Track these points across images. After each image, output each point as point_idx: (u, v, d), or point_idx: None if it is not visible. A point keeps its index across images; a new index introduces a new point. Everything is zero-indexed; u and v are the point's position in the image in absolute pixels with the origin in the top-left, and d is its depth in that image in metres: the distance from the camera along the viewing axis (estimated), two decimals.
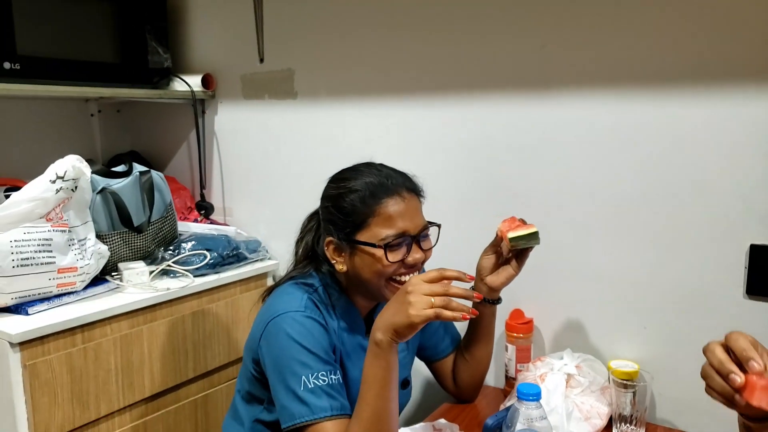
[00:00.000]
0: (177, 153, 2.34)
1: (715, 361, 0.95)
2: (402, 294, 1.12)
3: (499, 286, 1.42)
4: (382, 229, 1.24)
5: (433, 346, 1.52)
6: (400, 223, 1.25)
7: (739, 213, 1.37)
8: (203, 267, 1.83)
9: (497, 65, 1.63)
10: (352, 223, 1.26)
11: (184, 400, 1.78)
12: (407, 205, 1.27)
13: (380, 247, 1.24)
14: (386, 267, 1.25)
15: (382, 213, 1.25)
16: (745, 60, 1.33)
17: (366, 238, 1.25)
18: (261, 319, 1.29)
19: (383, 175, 1.29)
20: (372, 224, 1.25)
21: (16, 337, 1.37)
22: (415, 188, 1.32)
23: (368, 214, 1.25)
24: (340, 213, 1.28)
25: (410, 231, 1.26)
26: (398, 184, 1.28)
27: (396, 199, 1.26)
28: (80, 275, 1.57)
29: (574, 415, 1.33)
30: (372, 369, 1.13)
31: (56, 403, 1.45)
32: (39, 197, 1.47)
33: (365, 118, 1.88)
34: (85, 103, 2.28)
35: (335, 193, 1.30)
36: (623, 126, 1.48)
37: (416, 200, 1.31)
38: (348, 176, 1.31)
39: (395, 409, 1.16)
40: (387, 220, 1.25)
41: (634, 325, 1.53)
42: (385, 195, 1.26)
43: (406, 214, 1.26)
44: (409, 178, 1.33)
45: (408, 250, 1.26)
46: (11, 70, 1.68)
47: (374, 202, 1.25)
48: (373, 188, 1.26)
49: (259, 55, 2.07)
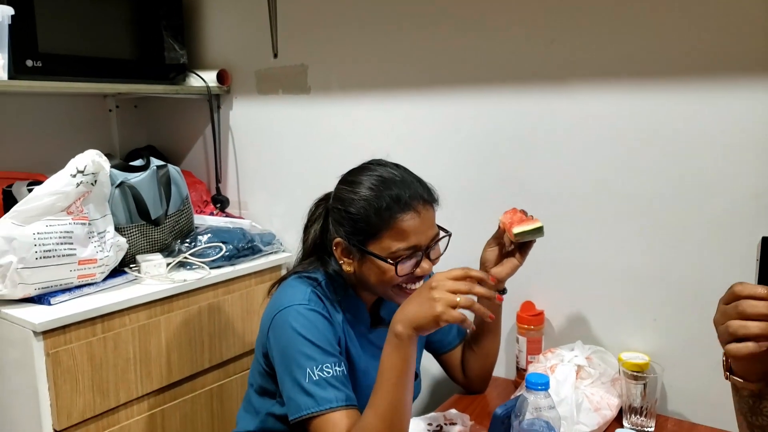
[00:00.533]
0: (193, 147, 2.37)
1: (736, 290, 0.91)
2: (426, 290, 1.12)
3: (504, 278, 1.42)
4: (394, 242, 1.22)
5: (440, 339, 1.53)
6: (413, 239, 1.23)
7: (751, 206, 1.37)
8: (219, 259, 1.86)
9: (507, 60, 1.64)
10: (363, 232, 1.24)
11: (200, 389, 1.81)
12: (422, 220, 1.23)
13: (391, 262, 1.23)
14: (394, 279, 1.24)
15: (396, 227, 1.22)
16: (755, 55, 1.33)
17: (376, 249, 1.24)
18: (268, 314, 1.31)
19: (400, 185, 1.25)
20: (384, 237, 1.23)
21: (40, 326, 1.41)
22: (431, 199, 1.29)
23: (381, 226, 1.22)
24: (351, 219, 1.25)
25: (422, 245, 1.24)
26: (415, 197, 1.24)
27: (411, 215, 1.22)
28: (100, 267, 1.60)
29: (584, 406, 1.34)
30: (390, 360, 1.13)
31: (78, 390, 1.49)
32: (60, 191, 1.51)
33: (377, 112, 1.90)
34: (104, 99, 2.31)
35: (347, 198, 1.26)
36: (634, 121, 1.49)
37: (431, 212, 1.27)
38: (361, 180, 1.27)
39: (410, 401, 1.18)
40: (400, 234, 1.22)
41: (644, 318, 1.53)
42: (401, 210, 1.22)
43: (420, 229, 1.23)
44: (427, 188, 1.30)
45: (418, 262, 1.25)
46: (33, 67, 1.72)
47: (389, 215, 1.22)
48: (388, 201, 1.22)
49: (273, 51, 2.09)
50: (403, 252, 1.23)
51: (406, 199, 1.23)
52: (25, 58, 1.71)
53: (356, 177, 1.29)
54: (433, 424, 1.42)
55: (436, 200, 1.31)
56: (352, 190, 1.26)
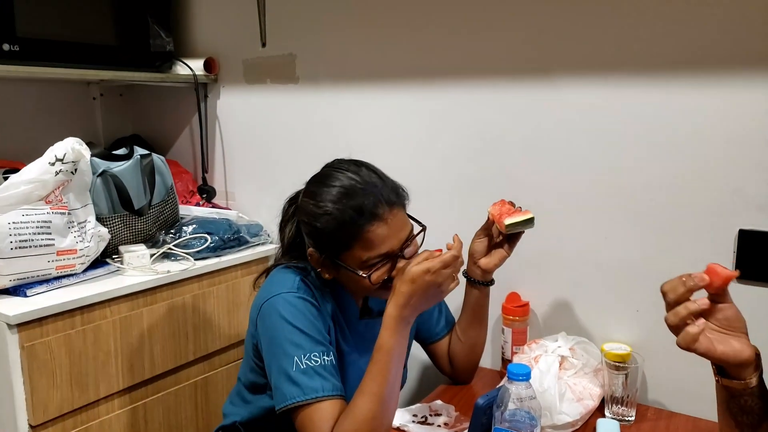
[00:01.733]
0: (179, 137, 2.35)
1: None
2: (434, 287, 1.16)
3: (492, 268, 1.42)
4: (365, 252, 1.20)
5: (428, 329, 1.52)
6: (384, 247, 1.20)
7: (729, 199, 1.38)
8: (204, 250, 1.84)
9: (496, 53, 1.63)
10: (332, 245, 1.22)
11: (184, 382, 1.80)
12: (390, 226, 1.20)
13: (362, 274, 1.21)
14: (370, 286, 1.23)
15: (364, 238, 1.19)
16: (737, 49, 1.33)
17: (348, 259, 1.22)
18: (256, 303, 1.29)
19: (361, 193, 1.20)
20: (354, 248, 1.20)
21: (14, 318, 1.38)
22: (399, 200, 1.24)
23: (348, 239, 1.19)
24: (318, 233, 1.22)
25: (394, 249, 1.21)
26: (378, 204, 1.19)
27: (377, 224, 1.19)
28: (80, 257, 1.58)
29: (566, 396, 1.34)
30: (390, 342, 1.15)
31: (54, 384, 1.47)
32: (38, 179, 1.48)
33: (366, 102, 1.88)
34: (87, 87, 2.29)
35: (312, 212, 1.23)
36: (620, 115, 1.49)
37: (401, 213, 1.24)
38: (323, 192, 1.22)
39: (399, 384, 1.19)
40: (369, 244, 1.19)
41: (627, 309, 1.53)
42: (366, 221, 1.18)
43: (390, 234, 1.20)
44: (392, 188, 1.25)
45: (393, 265, 1.23)
46: (10, 51, 1.69)
47: (354, 228, 1.18)
48: (351, 214, 1.18)
49: (261, 40, 2.07)
50: (374, 260, 1.21)
51: (371, 208, 1.18)
52: (2, 42, 1.67)
53: (318, 188, 1.24)
54: (419, 415, 1.42)
55: (405, 199, 1.27)
56: (315, 204, 1.22)
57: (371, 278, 1.21)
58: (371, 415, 1.12)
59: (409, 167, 1.81)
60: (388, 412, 1.16)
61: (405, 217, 1.25)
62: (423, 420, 1.40)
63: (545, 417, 1.30)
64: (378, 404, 1.13)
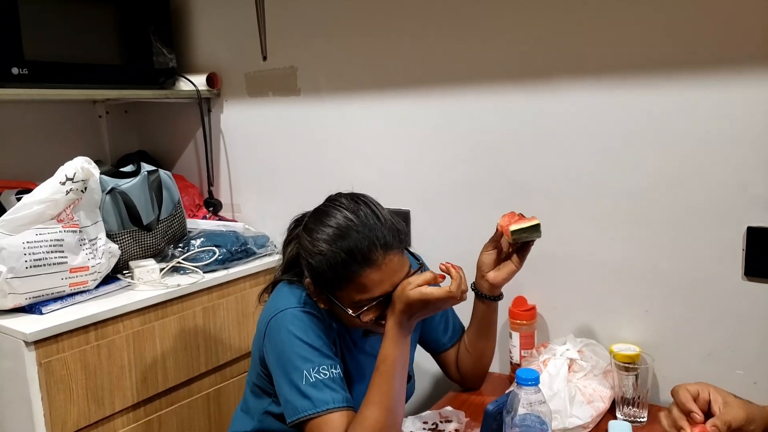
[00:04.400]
0: (184, 151, 2.37)
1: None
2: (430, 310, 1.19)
3: (501, 282, 1.41)
4: (356, 294, 1.19)
5: (435, 339, 1.53)
6: (376, 290, 1.18)
7: (737, 197, 1.38)
8: (212, 263, 1.86)
9: (495, 59, 1.64)
10: (326, 284, 1.22)
11: (197, 394, 1.81)
12: (383, 271, 1.17)
13: (352, 314, 1.20)
14: (361, 324, 1.23)
15: (356, 282, 1.18)
16: (742, 49, 1.34)
17: (340, 299, 1.21)
18: (263, 318, 1.31)
19: (356, 235, 1.17)
20: (345, 288, 1.20)
21: (31, 336, 1.40)
22: (396, 242, 1.20)
23: (340, 281, 1.19)
24: (312, 270, 1.22)
25: (388, 291, 1.19)
26: (373, 248, 1.16)
27: (371, 269, 1.17)
28: (92, 274, 1.60)
29: (576, 398, 1.34)
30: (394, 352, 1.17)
31: (72, 399, 1.49)
32: (49, 199, 1.51)
33: (367, 112, 1.90)
34: (93, 105, 2.32)
35: (308, 248, 1.22)
36: (622, 115, 1.49)
37: (397, 256, 1.20)
38: (319, 230, 1.21)
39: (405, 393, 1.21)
40: (361, 287, 1.18)
41: (635, 309, 1.54)
42: (359, 266, 1.16)
43: (383, 279, 1.18)
44: (390, 229, 1.21)
45: (385, 305, 1.21)
46: (19, 75, 1.72)
47: (346, 272, 1.17)
48: (344, 257, 1.17)
49: (262, 53, 2.10)
50: (366, 303, 1.20)
51: (364, 252, 1.16)
52: (11, 66, 1.70)
53: (315, 225, 1.23)
54: (429, 422, 1.43)
55: (403, 242, 1.24)
56: (311, 241, 1.21)
57: (361, 318, 1.20)
58: (379, 424, 1.14)
59: (411, 175, 1.83)
60: (396, 421, 1.18)
61: (402, 260, 1.21)
62: (434, 427, 1.41)
63: (556, 420, 1.31)
64: (385, 413, 1.15)
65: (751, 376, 1.42)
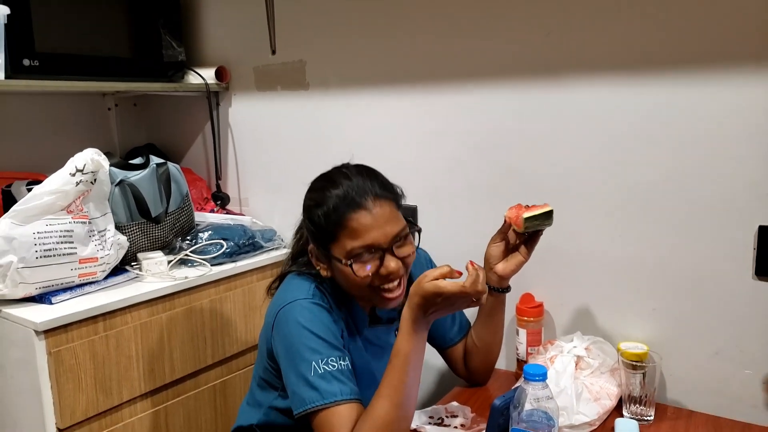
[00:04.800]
0: (193, 145, 2.38)
1: None
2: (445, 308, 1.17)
3: (509, 274, 1.42)
4: (349, 241, 1.22)
5: (441, 335, 1.53)
6: (368, 237, 1.21)
7: (748, 195, 1.38)
8: (220, 256, 1.87)
9: (505, 54, 1.64)
10: (323, 237, 1.25)
11: (203, 385, 1.82)
12: (374, 217, 1.22)
13: (345, 262, 1.22)
14: (358, 280, 1.23)
15: (348, 227, 1.21)
16: (752, 45, 1.33)
17: (337, 251, 1.24)
18: (271, 310, 1.31)
19: (347, 184, 1.24)
20: (340, 237, 1.23)
21: (41, 325, 1.42)
22: (386, 194, 1.26)
23: (335, 228, 1.23)
24: (312, 226, 1.27)
25: (381, 242, 1.22)
26: (363, 194, 1.23)
27: (361, 213, 1.21)
28: (101, 265, 1.61)
29: (583, 396, 1.35)
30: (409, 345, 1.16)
31: (80, 388, 1.50)
32: (60, 190, 1.51)
33: (375, 106, 1.90)
34: (102, 98, 2.32)
35: (306, 206, 1.30)
36: (632, 112, 1.49)
37: (388, 207, 1.24)
38: (317, 187, 1.29)
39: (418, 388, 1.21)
40: (353, 233, 1.21)
41: (643, 307, 1.53)
42: (349, 209, 1.21)
43: (374, 226, 1.21)
44: (380, 183, 1.27)
45: (381, 261, 1.23)
46: (30, 66, 1.73)
47: (338, 215, 1.22)
48: (335, 201, 1.23)
49: (271, 47, 2.10)
50: (358, 250, 1.22)
51: (353, 196, 1.22)
52: (22, 58, 1.71)
53: (313, 185, 1.31)
54: (435, 417, 1.43)
55: (394, 195, 1.28)
56: (309, 198, 1.30)
57: (353, 268, 1.21)
58: (389, 418, 1.14)
59: (419, 170, 1.83)
60: (407, 416, 1.17)
61: (395, 213, 1.26)
62: (439, 421, 1.41)
63: (562, 417, 1.31)
64: (396, 408, 1.15)
65: (759, 376, 1.41)
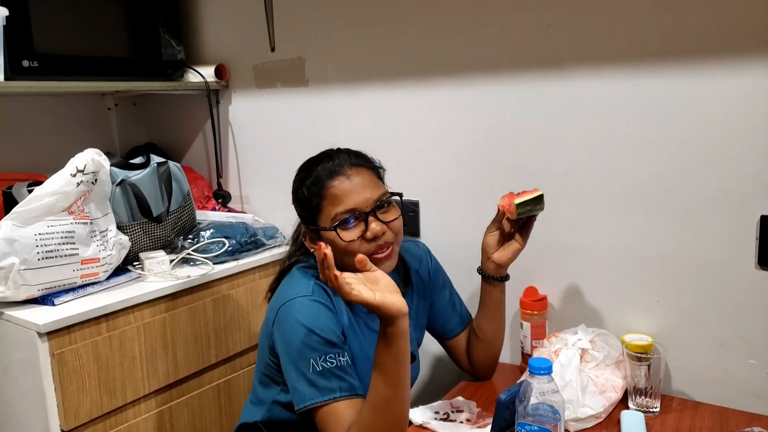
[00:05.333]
0: (193, 143, 2.37)
1: None
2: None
3: (507, 262, 1.43)
4: (332, 208, 1.29)
5: (442, 326, 1.54)
6: (349, 201, 1.28)
7: (750, 185, 1.37)
8: (222, 254, 1.86)
9: (504, 47, 1.63)
10: (308, 211, 1.33)
11: (207, 385, 1.82)
12: (352, 182, 1.29)
13: (330, 228, 1.28)
14: (345, 246, 1.27)
15: (329, 194, 1.29)
16: (752, 34, 1.32)
17: (323, 222, 1.31)
18: (272, 307, 1.33)
19: (326, 158, 1.34)
20: (323, 207, 1.30)
21: (44, 327, 1.41)
22: (363, 163, 1.35)
23: (317, 198, 1.30)
24: (299, 203, 1.36)
25: (361, 206, 1.28)
26: (341, 163, 1.32)
27: (340, 179, 1.29)
28: (103, 266, 1.61)
29: (588, 388, 1.35)
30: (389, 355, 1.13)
31: (84, 390, 1.49)
32: (60, 191, 1.51)
33: (376, 102, 1.89)
34: (102, 98, 2.32)
35: (294, 188, 1.38)
36: (633, 103, 1.48)
37: (365, 174, 1.32)
38: (302, 168, 1.39)
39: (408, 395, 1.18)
40: (334, 199, 1.29)
41: (647, 299, 1.53)
42: (328, 177, 1.30)
43: (353, 191, 1.29)
44: (356, 154, 1.37)
45: (366, 225, 1.28)
46: (30, 67, 1.72)
47: (320, 185, 1.30)
48: (317, 173, 1.32)
49: (270, 45, 2.09)
50: (342, 216, 1.28)
51: (331, 166, 1.31)
52: (21, 59, 1.70)
53: (300, 167, 1.40)
54: (440, 412, 1.43)
55: (369, 163, 1.37)
56: (295, 180, 1.39)
57: (338, 232, 1.27)
58: (374, 424, 1.14)
59: (420, 165, 1.83)
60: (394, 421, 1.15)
61: (374, 180, 1.33)
62: (445, 417, 1.41)
63: (568, 410, 1.31)
64: (380, 414, 1.14)
65: (764, 366, 1.41)
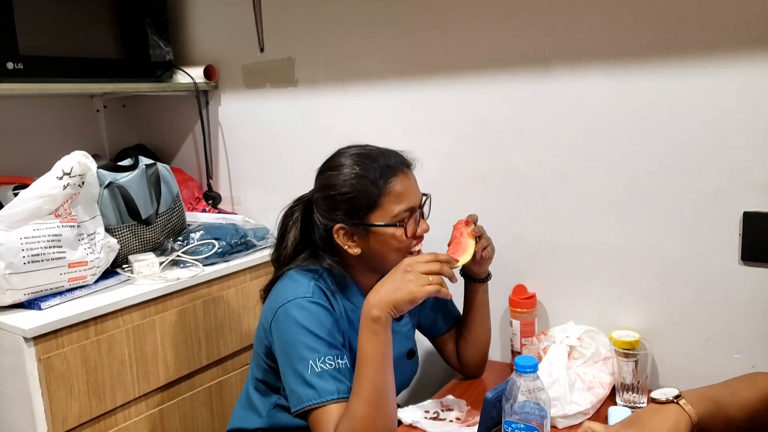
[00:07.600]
0: (183, 144, 2.37)
1: None
2: (400, 272, 1.18)
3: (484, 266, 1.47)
4: (395, 206, 1.29)
5: (429, 324, 1.55)
6: (409, 199, 1.31)
7: (732, 182, 1.39)
8: (212, 256, 1.85)
9: (493, 46, 1.63)
10: (362, 207, 1.29)
11: (198, 387, 1.81)
12: (410, 181, 1.33)
13: (398, 225, 1.29)
14: (404, 242, 1.30)
15: (392, 191, 1.29)
16: (739, 32, 1.33)
17: (379, 218, 1.29)
18: (270, 307, 1.31)
19: (380, 156, 1.33)
20: (384, 204, 1.29)
21: (30, 332, 1.40)
22: (411, 163, 1.37)
23: (379, 195, 1.28)
24: (346, 199, 1.30)
25: (417, 204, 1.33)
26: (399, 162, 1.33)
27: (401, 177, 1.31)
28: (91, 269, 1.60)
29: (576, 385, 1.35)
30: (371, 346, 1.16)
31: (72, 395, 1.49)
32: (47, 194, 1.50)
33: (365, 102, 1.89)
34: (91, 100, 2.31)
35: (336, 182, 1.31)
36: (621, 101, 1.49)
37: (413, 174, 1.36)
38: (343, 163, 1.33)
39: (393, 383, 1.19)
40: (397, 197, 1.29)
41: (635, 296, 1.54)
42: (392, 174, 1.30)
43: (411, 189, 1.32)
44: (404, 154, 1.37)
45: (417, 222, 1.33)
46: (15, 70, 1.71)
47: (383, 182, 1.29)
48: (379, 170, 1.29)
49: (260, 45, 2.09)
50: (404, 213, 1.30)
51: (392, 164, 1.31)
52: (6, 61, 1.69)
53: (336, 162, 1.34)
54: (430, 411, 1.43)
55: (414, 164, 1.39)
56: (339, 173, 1.31)
57: (407, 230, 1.30)
58: (361, 415, 1.14)
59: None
60: (382, 413, 1.16)
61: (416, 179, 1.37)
62: (435, 416, 1.41)
63: (556, 407, 1.31)
64: (369, 406, 1.14)
65: (749, 360, 1.42)
